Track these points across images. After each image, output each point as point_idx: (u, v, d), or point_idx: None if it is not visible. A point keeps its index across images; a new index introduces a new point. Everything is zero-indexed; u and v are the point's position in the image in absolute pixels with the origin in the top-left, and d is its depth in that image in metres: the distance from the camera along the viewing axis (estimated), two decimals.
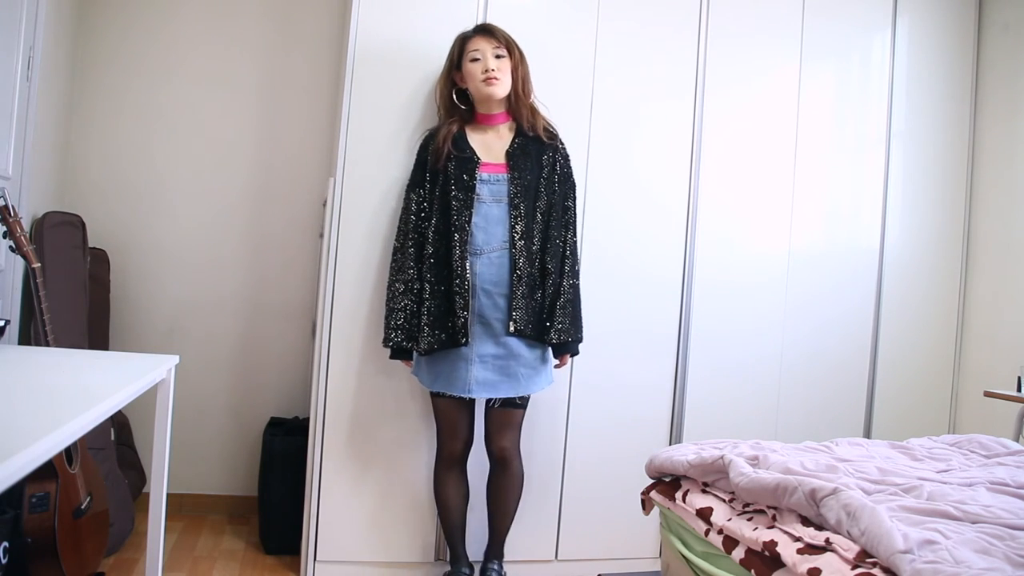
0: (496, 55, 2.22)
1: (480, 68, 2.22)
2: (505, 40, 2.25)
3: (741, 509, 1.61)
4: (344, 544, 2.47)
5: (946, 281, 3.05)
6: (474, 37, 2.26)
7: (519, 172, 2.24)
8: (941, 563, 1.19)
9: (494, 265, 2.20)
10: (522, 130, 2.29)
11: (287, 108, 3.07)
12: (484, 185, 2.23)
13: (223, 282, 3.04)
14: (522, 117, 2.28)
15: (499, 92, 2.23)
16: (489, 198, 2.22)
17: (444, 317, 2.19)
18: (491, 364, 2.20)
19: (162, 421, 1.81)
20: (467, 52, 2.24)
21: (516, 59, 2.25)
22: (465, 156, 2.23)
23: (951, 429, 3.04)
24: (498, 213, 2.22)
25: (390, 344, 2.25)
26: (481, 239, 2.20)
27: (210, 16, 3.01)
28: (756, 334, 2.81)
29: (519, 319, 2.19)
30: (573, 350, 2.32)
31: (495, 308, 2.19)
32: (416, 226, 2.27)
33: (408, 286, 2.24)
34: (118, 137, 2.95)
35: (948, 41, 3.07)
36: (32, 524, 1.86)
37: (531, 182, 2.25)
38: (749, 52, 2.80)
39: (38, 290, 2.02)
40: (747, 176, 2.81)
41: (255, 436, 3.01)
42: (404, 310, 2.23)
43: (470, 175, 2.21)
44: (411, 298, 2.24)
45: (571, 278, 2.29)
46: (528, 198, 2.23)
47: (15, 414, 1.20)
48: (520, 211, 2.21)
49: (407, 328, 2.23)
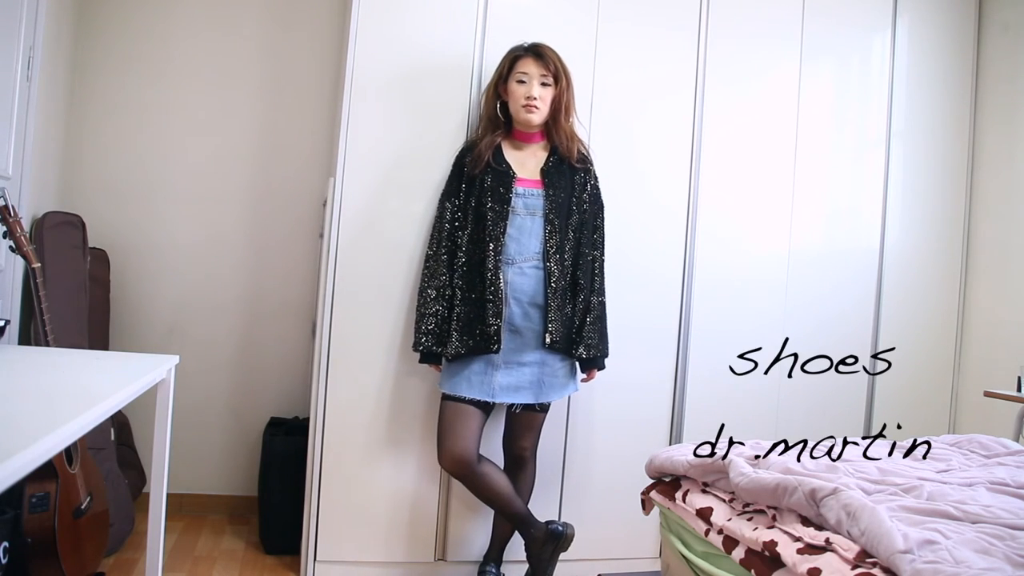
0: (542, 82, 2.26)
1: (523, 92, 2.25)
2: (554, 67, 2.26)
3: (741, 509, 1.62)
4: (344, 544, 2.47)
5: (946, 281, 3.05)
6: (525, 58, 2.27)
7: (554, 189, 2.29)
8: (941, 563, 1.19)
9: (526, 276, 2.25)
10: (557, 150, 2.33)
11: (287, 108, 3.07)
12: (519, 199, 2.27)
13: (223, 282, 3.04)
14: (558, 141, 2.32)
15: (536, 120, 2.28)
16: (523, 211, 2.28)
17: (473, 324, 2.22)
18: (517, 371, 2.24)
19: (162, 421, 1.81)
20: (515, 71, 2.27)
21: (562, 87, 2.28)
22: (502, 170, 2.28)
23: (951, 429, 3.04)
24: (531, 226, 2.27)
25: (420, 348, 2.30)
26: (514, 249, 2.25)
27: (210, 16, 3.01)
28: (756, 333, 2.80)
29: (555, 331, 2.25)
30: (600, 365, 2.38)
31: (525, 317, 2.25)
32: (450, 234, 2.32)
33: (440, 292, 2.29)
34: (118, 137, 2.95)
35: (948, 41, 3.07)
36: (32, 524, 1.87)
37: (564, 199, 2.30)
38: (749, 52, 2.80)
39: (38, 290, 2.02)
40: (747, 176, 2.81)
41: (255, 436, 3.01)
42: (435, 316, 2.28)
43: (507, 188, 2.26)
44: (442, 304, 2.29)
45: (599, 295, 2.37)
46: (561, 214, 2.29)
47: (15, 414, 1.20)
48: (555, 226, 2.27)
49: (437, 333, 2.27)
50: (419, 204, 2.48)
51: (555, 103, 2.28)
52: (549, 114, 2.29)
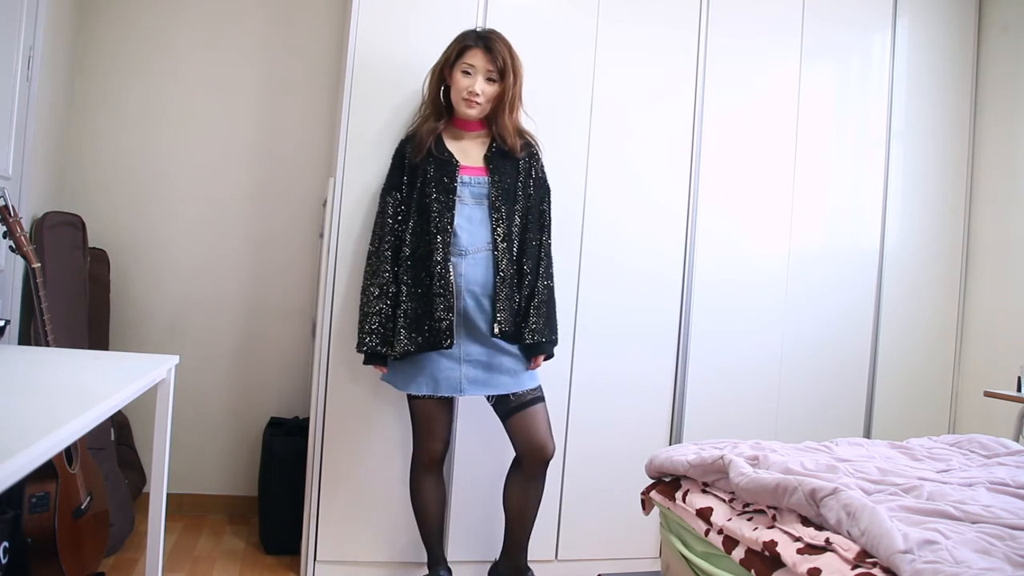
0: (488, 77, 2.19)
1: (466, 85, 2.19)
2: (503, 62, 2.17)
3: (741, 509, 1.62)
4: (344, 544, 2.47)
5: (946, 281, 3.05)
6: (475, 48, 2.19)
7: (499, 176, 2.23)
8: (941, 563, 1.19)
9: (479, 266, 2.19)
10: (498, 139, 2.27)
11: (287, 108, 3.07)
12: (465, 187, 2.22)
13: (223, 282, 3.04)
14: (500, 136, 2.24)
15: (474, 115, 2.23)
16: (471, 200, 2.22)
17: (421, 319, 2.16)
18: (478, 363, 2.18)
19: (162, 421, 1.81)
20: (462, 61, 2.20)
21: (508, 83, 2.19)
22: (444, 158, 2.22)
23: (951, 429, 3.04)
24: (481, 215, 2.21)
25: (364, 349, 2.21)
26: (466, 240, 2.19)
27: (210, 16, 3.01)
28: (756, 334, 2.81)
29: (503, 320, 2.18)
30: (547, 351, 2.26)
31: (479, 309, 2.18)
32: (392, 229, 2.24)
33: (383, 290, 2.21)
34: (118, 137, 2.95)
35: (948, 41, 3.07)
36: (32, 524, 1.86)
37: (510, 186, 2.25)
38: (749, 52, 2.80)
39: (38, 290, 2.02)
40: (747, 176, 2.81)
41: (255, 436, 3.01)
42: (379, 314, 2.19)
43: (451, 177, 2.20)
44: (386, 302, 2.20)
45: (546, 279, 2.27)
46: (508, 201, 2.23)
47: (15, 414, 1.20)
48: (501, 213, 2.21)
49: (382, 332, 2.19)
50: None
51: (499, 99, 2.21)
52: (490, 110, 2.23)
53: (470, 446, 2.51)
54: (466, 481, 2.52)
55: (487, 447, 2.49)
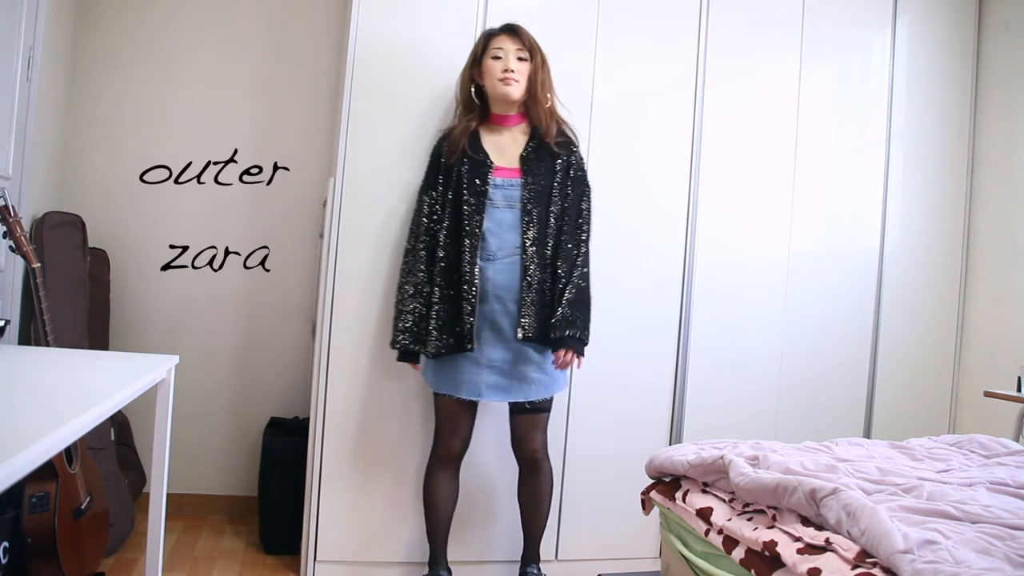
0: (518, 57, 2.23)
1: (500, 67, 2.22)
2: (529, 43, 2.25)
3: (741, 509, 1.62)
4: (344, 544, 2.47)
5: (946, 281, 3.05)
6: (499, 35, 2.26)
7: (532, 177, 2.23)
8: (941, 563, 1.19)
9: (506, 271, 2.20)
10: (537, 133, 2.28)
11: (287, 108, 3.07)
12: (497, 190, 2.22)
13: (223, 282, 3.04)
14: (538, 121, 2.27)
15: (514, 93, 2.23)
16: (502, 203, 2.23)
17: (452, 322, 2.19)
18: (500, 369, 2.20)
19: (162, 421, 1.81)
20: (490, 49, 2.24)
21: (536, 63, 2.25)
22: (478, 159, 2.23)
23: (951, 429, 3.04)
24: (511, 219, 2.22)
25: (397, 346, 2.25)
26: (494, 244, 2.20)
27: (210, 15, 3.01)
28: (756, 333, 2.81)
29: (527, 325, 2.18)
30: (572, 347, 2.20)
31: (506, 314, 2.19)
32: (427, 228, 2.27)
33: (417, 289, 2.24)
34: (118, 137, 2.95)
35: (948, 41, 3.07)
36: (32, 524, 1.86)
37: (544, 187, 2.24)
38: (749, 52, 2.80)
39: (38, 290, 2.02)
40: (747, 176, 2.81)
41: (255, 436, 3.01)
42: (412, 313, 2.23)
43: (483, 180, 2.21)
44: (420, 301, 2.23)
45: (580, 280, 2.24)
46: (541, 203, 2.23)
47: (15, 414, 1.20)
48: (532, 217, 2.21)
49: (415, 331, 2.22)
50: None
51: (532, 78, 2.24)
52: (526, 90, 2.25)
53: (471, 446, 2.50)
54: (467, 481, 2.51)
55: (488, 449, 2.49)
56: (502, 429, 2.42)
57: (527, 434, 2.32)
